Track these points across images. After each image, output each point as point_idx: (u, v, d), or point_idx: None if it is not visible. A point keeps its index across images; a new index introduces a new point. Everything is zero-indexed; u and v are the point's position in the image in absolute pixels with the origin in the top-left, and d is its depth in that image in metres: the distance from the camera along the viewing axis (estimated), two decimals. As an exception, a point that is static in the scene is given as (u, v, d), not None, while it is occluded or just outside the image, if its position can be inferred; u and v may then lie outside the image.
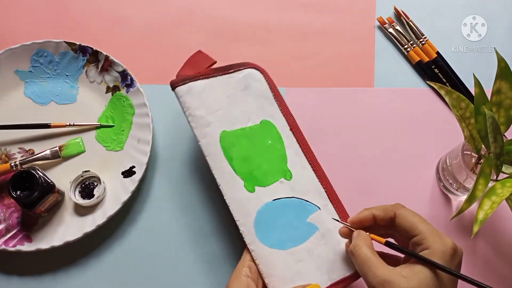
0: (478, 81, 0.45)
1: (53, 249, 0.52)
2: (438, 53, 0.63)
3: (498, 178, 0.45)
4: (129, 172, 0.56)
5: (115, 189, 0.55)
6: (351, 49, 0.64)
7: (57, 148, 0.57)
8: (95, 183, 0.55)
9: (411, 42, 0.63)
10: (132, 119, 0.58)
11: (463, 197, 0.55)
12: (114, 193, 0.55)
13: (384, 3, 0.65)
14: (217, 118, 0.50)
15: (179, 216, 0.56)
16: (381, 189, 0.57)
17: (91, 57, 0.60)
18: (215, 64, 0.53)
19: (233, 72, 0.52)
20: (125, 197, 0.54)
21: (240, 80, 0.52)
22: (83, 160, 0.57)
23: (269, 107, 0.51)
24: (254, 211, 0.47)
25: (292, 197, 0.48)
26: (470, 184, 0.51)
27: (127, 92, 0.59)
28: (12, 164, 0.55)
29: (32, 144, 0.58)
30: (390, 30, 0.63)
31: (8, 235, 0.53)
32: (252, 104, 0.51)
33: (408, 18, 0.64)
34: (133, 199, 0.56)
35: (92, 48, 0.59)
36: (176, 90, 0.51)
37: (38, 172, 0.51)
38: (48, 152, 0.56)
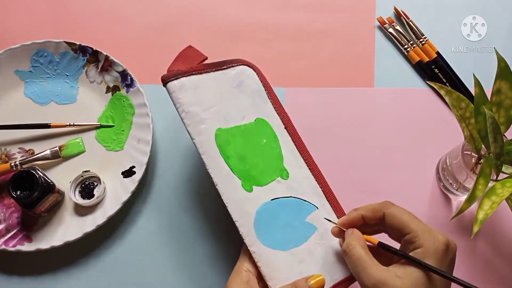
0: (478, 81, 0.45)
1: (53, 249, 0.52)
2: (438, 53, 0.63)
3: (498, 178, 0.45)
4: (129, 172, 0.56)
5: (115, 189, 0.55)
6: (351, 49, 0.64)
7: (57, 148, 0.57)
8: (95, 183, 0.55)
9: (411, 42, 0.63)
10: (132, 119, 0.58)
11: (463, 197, 0.55)
12: (114, 193, 0.55)
13: (384, 3, 0.65)
14: (211, 115, 0.48)
15: (179, 216, 0.56)
16: (381, 189, 0.57)
17: (91, 57, 0.60)
18: (206, 60, 0.51)
19: (226, 68, 0.50)
20: (125, 197, 0.54)
21: (233, 77, 0.50)
22: (83, 160, 0.57)
23: (263, 105, 0.50)
24: (253, 211, 0.46)
25: (290, 196, 0.47)
26: (470, 184, 0.51)
27: (127, 92, 0.59)
28: (12, 164, 0.55)
29: (32, 144, 0.58)
30: (390, 30, 0.63)
31: (8, 235, 0.53)
32: (246, 101, 0.50)
33: (408, 18, 0.64)
34: (133, 199, 0.56)
35: (92, 48, 0.59)
36: (168, 86, 0.49)
37: (38, 172, 0.51)
38: (48, 152, 0.57)
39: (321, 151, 0.51)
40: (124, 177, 0.56)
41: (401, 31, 0.64)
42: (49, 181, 0.52)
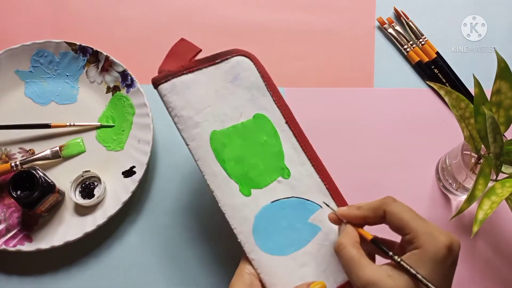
0: (478, 81, 0.45)
1: (53, 249, 0.52)
2: (437, 53, 0.63)
3: (497, 178, 0.45)
4: (129, 172, 0.56)
5: (115, 189, 0.55)
6: (351, 49, 0.64)
7: (58, 148, 0.57)
8: (95, 183, 0.55)
9: (411, 42, 0.63)
10: (132, 119, 0.58)
11: (463, 197, 0.55)
12: (114, 193, 0.55)
13: (384, 3, 0.65)
14: (205, 117, 0.46)
15: (179, 216, 0.56)
16: (381, 189, 0.57)
17: (92, 57, 0.60)
18: (201, 53, 0.48)
19: (220, 62, 0.47)
20: (125, 197, 0.54)
21: (228, 70, 0.47)
22: (84, 160, 0.57)
23: (262, 98, 0.47)
24: (251, 216, 0.44)
25: (292, 197, 0.45)
26: (469, 184, 0.51)
27: (127, 92, 0.59)
28: (12, 164, 0.55)
29: (32, 144, 0.58)
30: (390, 30, 0.64)
31: (9, 235, 0.53)
32: (243, 96, 0.47)
33: (408, 18, 0.64)
34: (133, 199, 0.56)
35: (92, 48, 0.59)
36: (159, 89, 0.46)
37: (39, 172, 0.51)
38: (48, 152, 0.57)
39: (320, 151, 0.51)
40: (124, 177, 0.56)
41: (401, 31, 0.64)
42: (50, 181, 0.52)
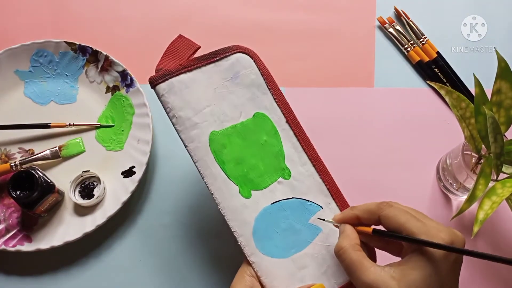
0: (478, 81, 0.45)
1: (53, 249, 0.52)
2: (438, 53, 0.62)
3: (498, 178, 0.45)
4: (129, 172, 0.56)
5: (115, 189, 0.55)
6: (351, 49, 0.64)
7: (57, 148, 0.57)
8: (95, 183, 0.55)
9: (411, 42, 0.63)
10: (132, 119, 0.58)
11: (463, 197, 0.55)
12: (114, 193, 0.55)
13: (384, 3, 0.65)
14: (204, 118, 0.45)
15: (179, 216, 0.56)
16: (381, 189, 0.57)
17: (91, 57, 0.60)
18: (199, 51, 0.47)
19: (219, 59, 0.46)
20: (125, 197, 0.54)
21: (228, 68, 0.46)
22: (83, 160, 0.57)
23: (262, 97, 0.46)
24: (251, 219, 0.43)
25: (292, 197, 0.45)
26: (470, 184, 0.51)
27: (127, 92, 0.58)
28: (12, 164, 0.55)
29: (32, 144, 0.58)
30: (390, 30, 0.63)
31: (8, 235, 0.53)
32: (243, 95, 0.46)
33: (408, 18, 0.64)
34: (133, 199, 0.56)
35: (92, 48, 0.59)
36: (156, 89, 0.45)
37: (38, 172, 0.51)
38: (48, 152, 0.56)
39: (320, 151, 0.51)
40: (124, 177, 0.55)
41: (401, 31, 0.64)
42: (49, 181, 0.52)
